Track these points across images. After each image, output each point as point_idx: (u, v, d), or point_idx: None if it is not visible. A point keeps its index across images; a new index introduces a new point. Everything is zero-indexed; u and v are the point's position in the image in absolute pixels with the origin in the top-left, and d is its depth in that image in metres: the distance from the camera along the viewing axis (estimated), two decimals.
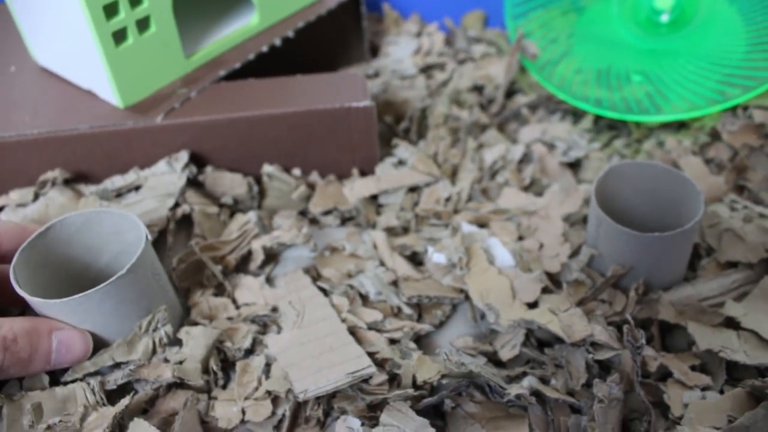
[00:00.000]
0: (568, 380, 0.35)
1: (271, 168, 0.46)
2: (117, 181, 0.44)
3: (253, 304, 0.40)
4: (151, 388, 0.35)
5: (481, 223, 0.45)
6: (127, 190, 0.44)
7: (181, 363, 0.35)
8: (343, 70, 0.63)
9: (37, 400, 0.33)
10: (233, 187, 0.46)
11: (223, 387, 0.36)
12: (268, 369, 0.36)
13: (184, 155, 0.45)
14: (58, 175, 0.43)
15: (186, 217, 0.44)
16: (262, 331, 0.38)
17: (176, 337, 0.36)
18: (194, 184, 0.46)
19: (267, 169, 0.46)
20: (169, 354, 0.35)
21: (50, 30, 0.44)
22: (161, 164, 0.45)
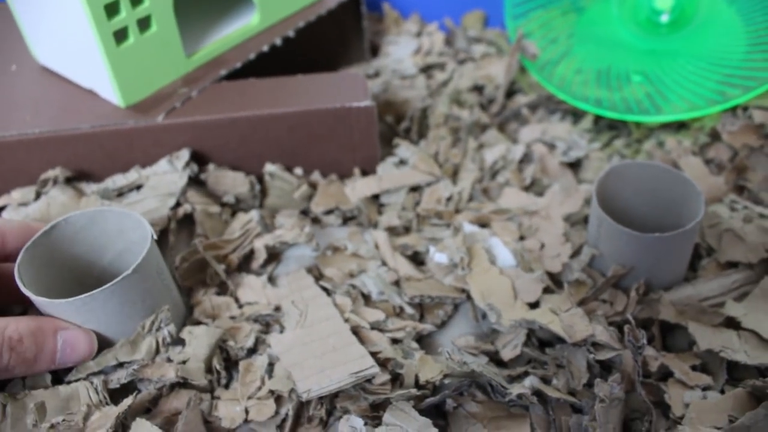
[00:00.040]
0: (570, 380, 0.35)
1: (273, 167, 0.46)
2: (118, 180, 0.44)
3: (256, 304, 0.40)
4: (155, 387, 0.35)
5: (483, 223, 0.45)
6: (129, 189, 0.44)
7: (184, 362, 0.35)
8: (344, 69, 0.63)
9: (41, 399, 0.33)
10: (235, 186, 0.46)
11: (226, 386, 0.36)
12: (271, 368, 0.36)
13: (185, 154, 0.45)
14: (60, 173, 0.43)
15: (187, 217, 0.44)
16: (265, 331, 0.38)
17: (179, 337, 0.36)
18: (196, 183, 0.46)
19: (269, 168, 0.46)
20: (173, 353, 0.35)
21: (51, 29, 0.44)
22: (162, 163, 0.45)
